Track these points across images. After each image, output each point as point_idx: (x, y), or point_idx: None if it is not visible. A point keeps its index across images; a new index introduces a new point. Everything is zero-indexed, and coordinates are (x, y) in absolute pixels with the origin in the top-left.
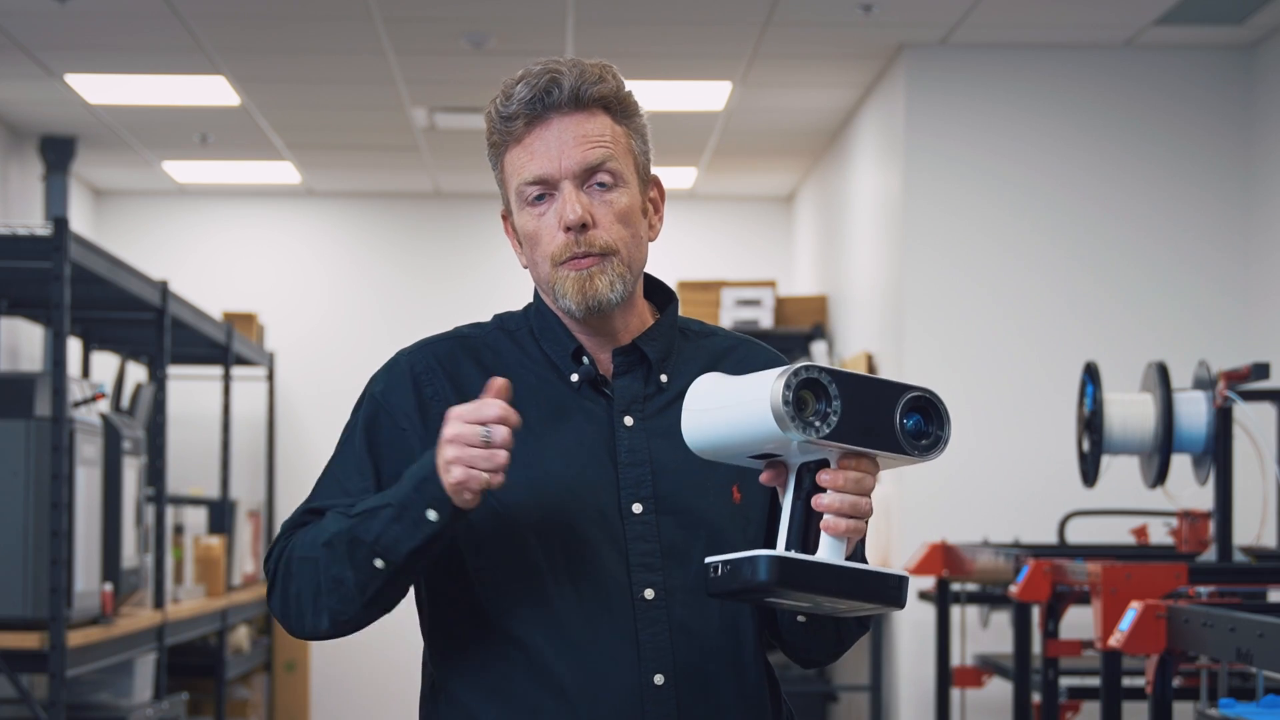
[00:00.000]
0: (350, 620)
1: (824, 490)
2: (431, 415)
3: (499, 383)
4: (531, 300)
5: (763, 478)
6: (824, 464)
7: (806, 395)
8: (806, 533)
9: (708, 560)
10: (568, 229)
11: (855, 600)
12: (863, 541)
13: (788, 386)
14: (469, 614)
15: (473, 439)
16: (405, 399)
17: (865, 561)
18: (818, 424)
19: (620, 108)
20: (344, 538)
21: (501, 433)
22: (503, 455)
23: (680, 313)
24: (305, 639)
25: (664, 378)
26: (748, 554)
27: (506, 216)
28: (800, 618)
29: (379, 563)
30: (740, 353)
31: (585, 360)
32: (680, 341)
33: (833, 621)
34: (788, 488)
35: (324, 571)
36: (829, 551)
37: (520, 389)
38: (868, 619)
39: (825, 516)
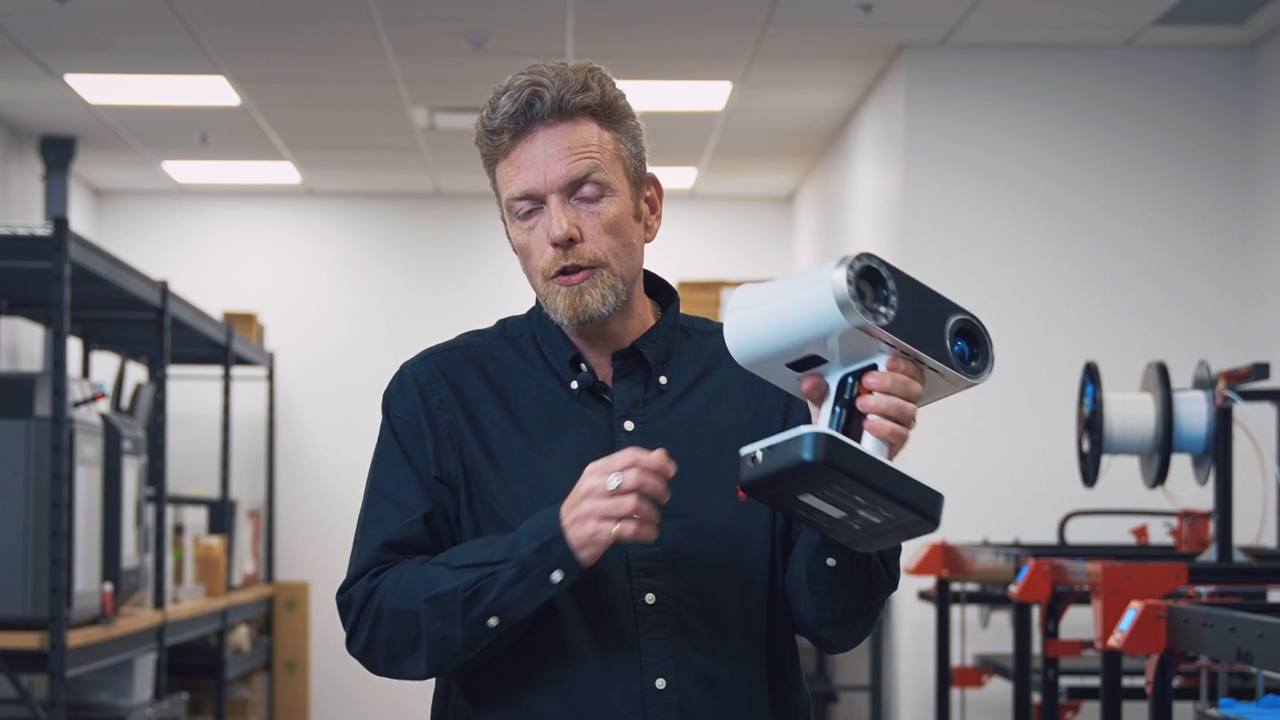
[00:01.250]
0: (452, 667)
1: (870, 394)
2: (439, 424)
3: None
4: (535, 305)
5: (804, 386)
6: (867, 371)
7: (865, 285)
8: (847, 432)
9: (743, 451)
10: (555, 244)
11: (894, 502)
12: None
13: (851, 268)
14: None
15: (603, 490)
16: (416, 409)
17: None
18: (881, 309)
19: (607, 113)
20: (455, 597)
21: (631, 477)
22: (630, 502)
23: (681, 311)
24: (399, 679)
25: (663, 380)
26: (792, 432)
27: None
28: (830, 561)
29: (493, 621)
30: None
31: (584, 367)
32: (682, 341)
33: (864, 566)
34: (828, 397)
35: (427, 626)
36: (875, 450)
37: (522, 398)
38: (895, 569)
39: (870, 418)
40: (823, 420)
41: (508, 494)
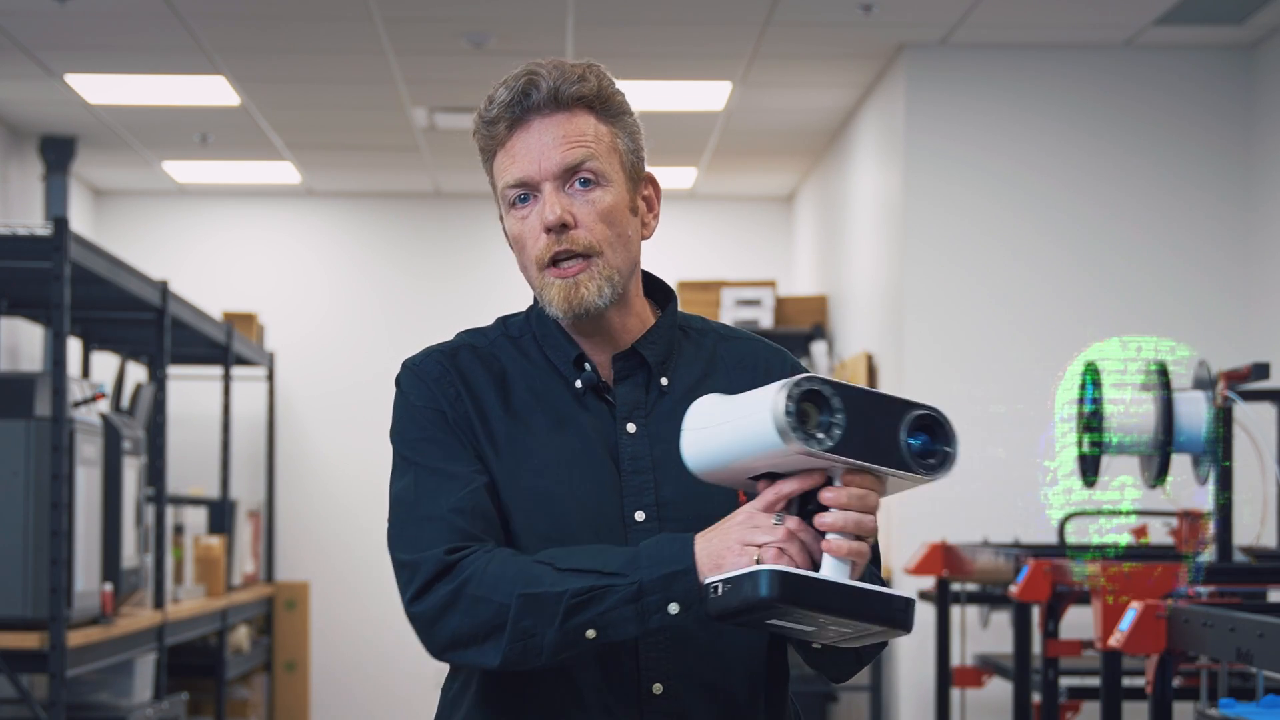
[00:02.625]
0: (527, 666)
1: (826, 509)
2: (451, 418)
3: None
4: (533, 303)
5: (764, 491)
6: (824, 486)
7: (809, 408)
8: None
9: (706, 580)
10: (548, 229)
11: (859, 621)
12: (876, 566)
13: (790, 397)
14: None
15: (765, 522)
16: (435, 398)
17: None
18: (820, 436)
19: (604, 106)
20: (560, 600)
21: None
22: (782, 531)
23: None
24: (440, 659)
25: (664, 381)
26: (747, 569)
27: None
28: (816, 645)
29: (591, 633)
30: (739, 347)
31: (587, 367)
32: (681, 340)
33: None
34: (792, 509)
35: (515, 621)
36: (832, 572)
37: (526, 397)
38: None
39: (828, 536)
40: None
41: (510, 493)
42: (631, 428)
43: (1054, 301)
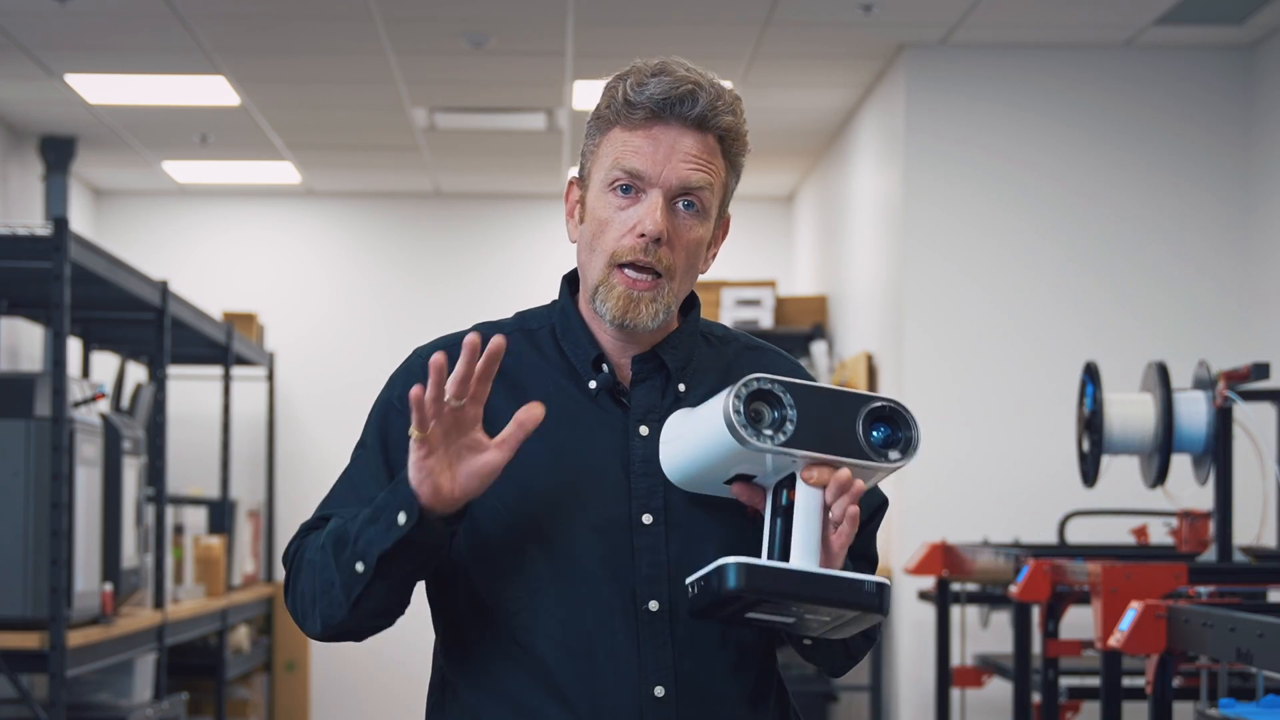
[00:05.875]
0: (341, 624)
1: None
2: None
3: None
4: (557, 299)
5: (737, 493)
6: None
7: (761, 407)
8: (787, 547)
9: (687, 581)
10: (642, 235)
11: (831, 606)
12: (872, 569)
13: (737, 397)
14: (476, 616)
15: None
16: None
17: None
18: (772, 433)
19: (734, 144)
20: (332, 538)
21: (422, 410)
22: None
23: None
24: (313, 639)
25: (682, 386)
26: (714, 565)
27: (575, 184)
28: (806, 640)
29: (360, 566)
30: (760, 358)
31: (605, 368)
32: (702, 347)
33: (840, 640)
34: (766, 507)
35: (319, 575)
36: (800, 561)
37: (537, 395)
38: (873, 630)
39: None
40: (764, 541)
41: (515, 492)
42: (644, 430)
43: (1054, 301)
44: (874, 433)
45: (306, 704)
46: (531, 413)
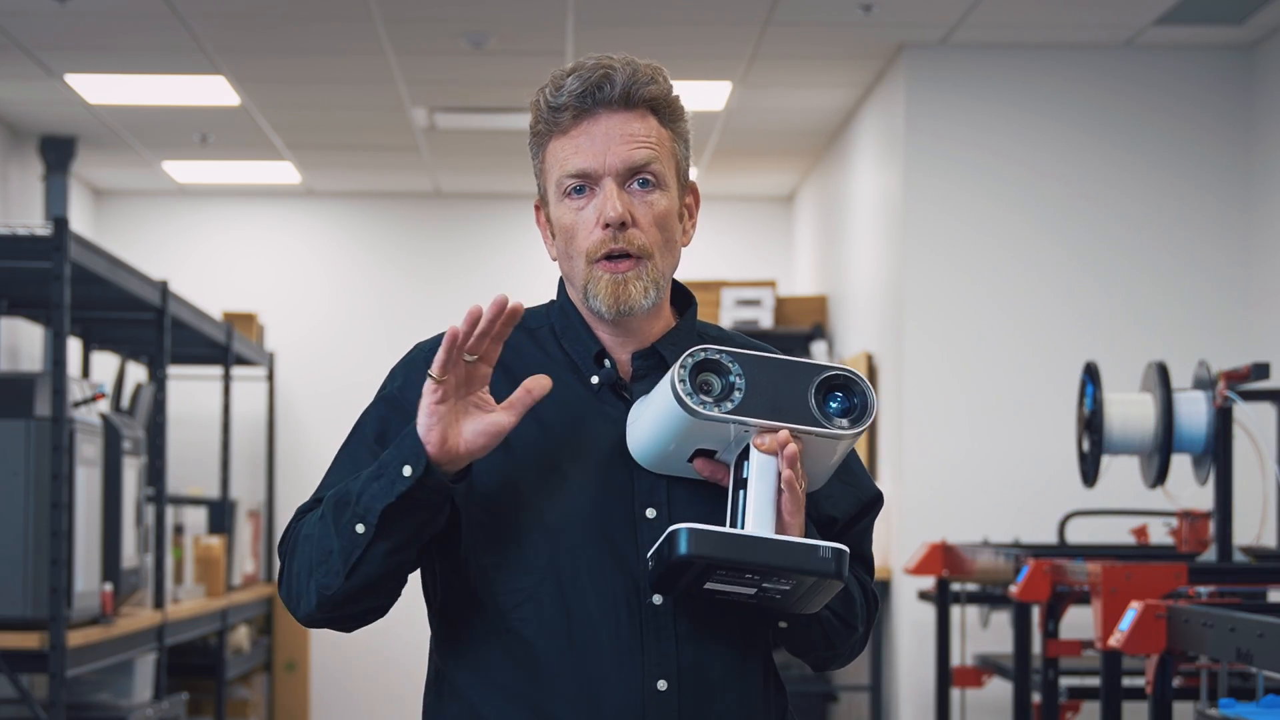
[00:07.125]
0: (336, 596)
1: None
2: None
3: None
4: (555, 298)
5: (699, 468)
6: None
7: (709, 377)
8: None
9: (648, 555)
10: (607, 225)
11: (786, 571)
12: (870, 572)
13: (683, 367)
14: (476, 609)
15: (428, 388)
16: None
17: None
18: (719, 402)
19: (668, 111)
20: (332, 502)
21: (439, 360)
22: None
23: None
24: (304, 624)
25: None
26: (667, 531)
27: (540, 206)
28: (782, 624)
29: (360, 528)
30: None
31: (607, 363)
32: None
33: (814, 621)
34: (729, 480)
35: (318, 545)
36: (754, 528)
37: None
38: (853, 619)
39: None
40: (728, 513)
41: (517, 486)
42: None
43: (1054, 301)
44: (830, 403)
45: (306, 704)
46: (540, 382)
